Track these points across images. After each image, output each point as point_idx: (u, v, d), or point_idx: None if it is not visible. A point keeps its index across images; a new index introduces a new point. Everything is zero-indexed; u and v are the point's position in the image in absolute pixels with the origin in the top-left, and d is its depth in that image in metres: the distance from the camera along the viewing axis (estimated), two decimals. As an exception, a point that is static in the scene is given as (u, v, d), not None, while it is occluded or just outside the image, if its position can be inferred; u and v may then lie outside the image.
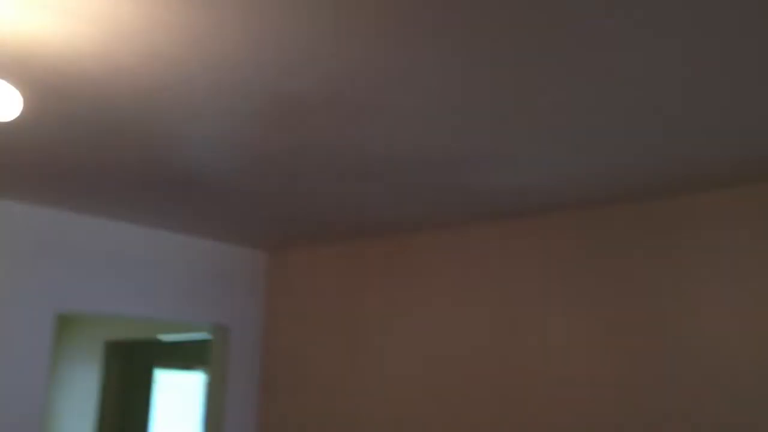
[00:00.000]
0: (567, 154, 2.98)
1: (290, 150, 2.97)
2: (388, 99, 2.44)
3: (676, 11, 1.85)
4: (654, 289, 3.46)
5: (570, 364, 3.64)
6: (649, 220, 3.54)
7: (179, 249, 4.55)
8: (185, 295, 4.54)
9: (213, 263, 4.73)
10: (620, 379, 3.47)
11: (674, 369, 3.34)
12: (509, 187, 3.43)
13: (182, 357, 7.50)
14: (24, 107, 2.54)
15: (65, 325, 7.67)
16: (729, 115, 2.55)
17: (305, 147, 2.93)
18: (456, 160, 3.07)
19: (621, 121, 2.62)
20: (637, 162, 3.06)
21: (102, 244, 4.18)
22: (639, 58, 2.12)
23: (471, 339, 3.99)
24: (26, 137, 2.85)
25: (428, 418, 4.06)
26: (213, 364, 4.83)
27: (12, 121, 2.69)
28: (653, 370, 3.39)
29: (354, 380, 4.42)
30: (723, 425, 3.17)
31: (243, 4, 1.83)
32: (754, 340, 3.17)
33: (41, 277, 3.89)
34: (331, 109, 2.53)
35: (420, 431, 4.07)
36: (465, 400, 3.94)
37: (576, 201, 3.64)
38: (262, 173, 3.29)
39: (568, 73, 2.22)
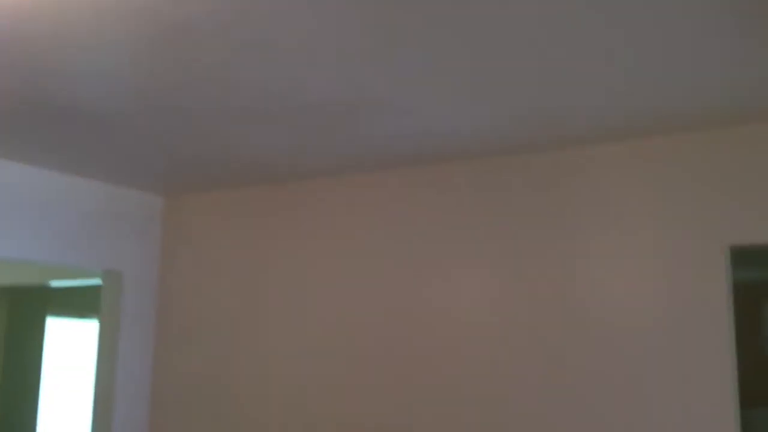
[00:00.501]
0: (464, 103, 2.93)
1: (181, 85, 2.81)
2: (280, 36, 2.31)
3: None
4: (549, 239, 3.50)
5: (466, 313, 3.66)
6: (545, 171, 3.55)
7: (67, 190, 4.30)
8: (74, 238, 4.31)
9: (104, 206, 4.50)
10: (516, 327, 3.52)
11: (567, 317, 3.40)
12: (409, 135, 3.37)
13: (76, 305, 7.22)
14: None
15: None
16: (619, 66, 2.54)
17: (196, 83, 2.77)
18: (353, 105, 2.98)
19: (516, 71, 2.58)
20: (532, 112, 3.05)
21: (-20, 182, 3.90)
22: (533, 5, 2.07)
23: (372, 288, 3.95)
24: None
25: (329, 369, 4.02)
26: (104, 311, 4.64)
27: None
28: (548, 319, 3.45)
29: (252, 328, 4.33)
30: (612, 368, 3.26)
31: None
32: (637, 289, 3.26)
33: None
34: (220, 42, 2.39)
35: (320, 381, 4.04)
36: (367, 350, 3.92)
37: (474, 151, 3.62)
38: (152, 110, 3.12)
39: (465, 18, 2.15)
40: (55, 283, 6.28)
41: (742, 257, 4.95)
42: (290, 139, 3.48)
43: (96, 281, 5.91)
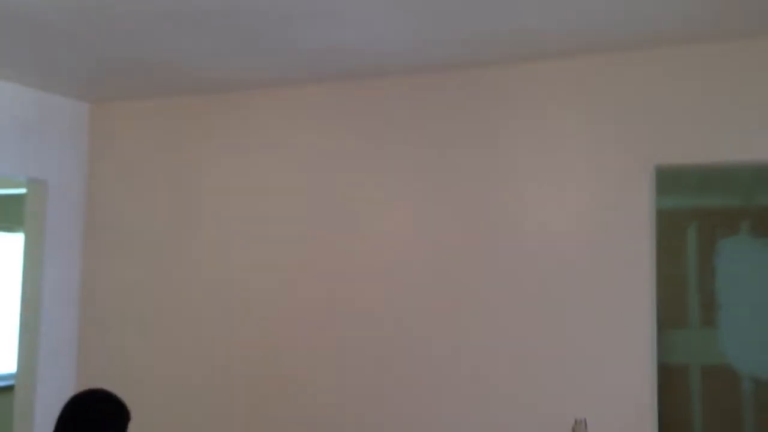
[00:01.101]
0: (398, 14, 2.87)
1: (105, -19, 2.66)
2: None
3: None
4: (477, 156, 3.52)
5: (394, 229, 3.69)
6: (475, 89, 3.55)
7: (-14, 94, 4.09)
8: (-7, 145, 4.14)
9: (27, 112, 4.29)
10: (442, 245, 3.57)
11: (493, 235, 3.47)
12: (340, 47, 3.29)
13: (1, 216, 6.99)
14: None
15: None
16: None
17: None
18: (285, 12, 2.88)
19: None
20: (462, 29, 3.00)
21: None
22: None
23: (300, 201, 3.93)
24: None
25: (258, 282, 4.02)
26: (29, 220, 4.50)
27: None
28: (474, 237, 3.50)
29: (181, 238, 4.27)
30: (535, 286, 3.36)
31: None
32: (563, 208, 3.34)
33: None
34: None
35: (248, 293, 4.03)
36: (294, 263, 3.92)
37: (404, 67, 3.57)
38: (75, 10, 2.96)
39: None
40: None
41: (672, 184, 5.08)
42: (219, 45, 3.36)
43: (20, 190, 5.71)
